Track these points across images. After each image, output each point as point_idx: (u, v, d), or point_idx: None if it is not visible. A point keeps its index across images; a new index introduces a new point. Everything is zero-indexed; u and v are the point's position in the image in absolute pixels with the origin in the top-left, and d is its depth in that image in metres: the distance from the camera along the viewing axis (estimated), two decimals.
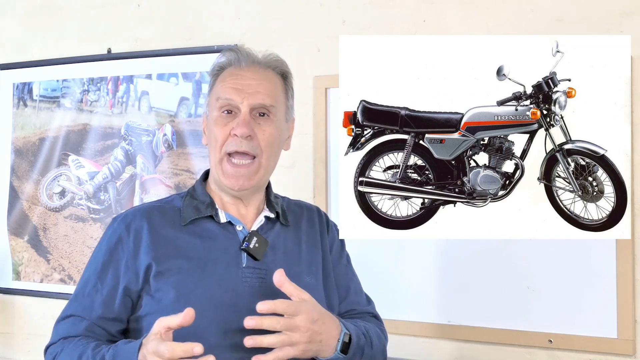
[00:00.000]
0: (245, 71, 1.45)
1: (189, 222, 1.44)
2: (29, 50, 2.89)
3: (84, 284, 1.43)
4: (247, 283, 1.39)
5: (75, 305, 1.41)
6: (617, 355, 1.98)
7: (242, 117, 1.41)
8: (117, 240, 1.42)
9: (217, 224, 1.45)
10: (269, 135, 1.44)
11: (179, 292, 1.35)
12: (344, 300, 1.59)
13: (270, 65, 1.48)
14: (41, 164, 2.86)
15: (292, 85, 1.53)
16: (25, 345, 2.87)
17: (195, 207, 1.46)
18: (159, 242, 1.40)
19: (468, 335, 2.15)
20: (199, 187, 1.51)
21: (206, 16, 2.57)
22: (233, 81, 1.44)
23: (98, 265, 1.42)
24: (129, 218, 1.45)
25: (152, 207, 1.49)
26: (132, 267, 1.39)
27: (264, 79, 1.46)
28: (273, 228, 1.50)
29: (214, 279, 1.38)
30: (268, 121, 1.44)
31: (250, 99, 1.42)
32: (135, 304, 1.40)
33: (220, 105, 1.44)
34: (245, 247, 1.42)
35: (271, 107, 1.44)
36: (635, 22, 1.97)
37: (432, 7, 2.22)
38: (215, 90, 1.47)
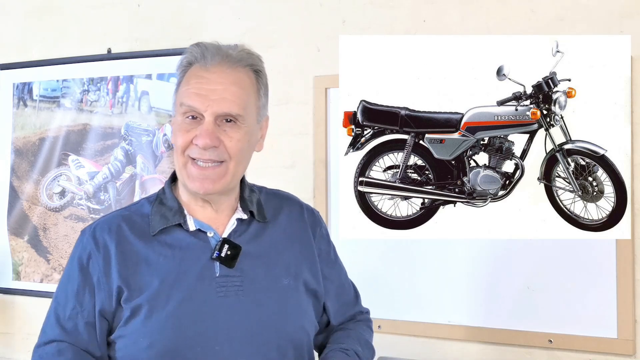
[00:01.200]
0: (211, 72, 1.33)
1: (158, 232, 1.36)
2: (29, 50, 2.89)
3: (63, 306, 1.36)
4: (222, 292, 1.33)
5: (58, 329, 1.35)
6: (617, 355, 1.98)
7: (205, 127, 1.30)
8: (88, 257, 1.36)
9: (187, 232, 1.37)
10: (236, 142, 1.33)
11: (150, 311, 1.30)
12: (339, 301, 1.55)
13: (241, 61, 1.36)
14: (41, 164, 2.86)
15: (266, 81, 1.41)
16: (25, 345, 2.87)
17: (162, 215, 1.38)
18: (127, 259, 1.34)
19: (468, 335, 2.15)
20: (168, 191, 1.42)
21: (206, 16, 2.57)
22: (197, 85, 1.32)
23: (74, 285, 1.36)
24: (97, 232, 1.37)
25: (120, 216, 1.41)
26: (104, 287, 1.33)
27: (232, 82, 1.33)
28: (248, 229, 1.41)
29: (186, 292, 1.31)
30: (235, 127, 1.33)
31: (215, 106, 1.31)
32: (110, 326, 1.35)
33: (183, 111, 1.33)
34: (216, 256, 1.34)
35: (237, 116, 1.33)
36: (635, 22, 1.97)
37: (432, 7, 2.22)
38: (179, 93, 1.36)
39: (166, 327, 1.29)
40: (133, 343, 1.31)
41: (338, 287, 1.55)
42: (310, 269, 1.46)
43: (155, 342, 1.29)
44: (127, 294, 1.32)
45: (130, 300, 1.31)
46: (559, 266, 2.03)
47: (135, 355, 1.30)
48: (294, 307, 1.40)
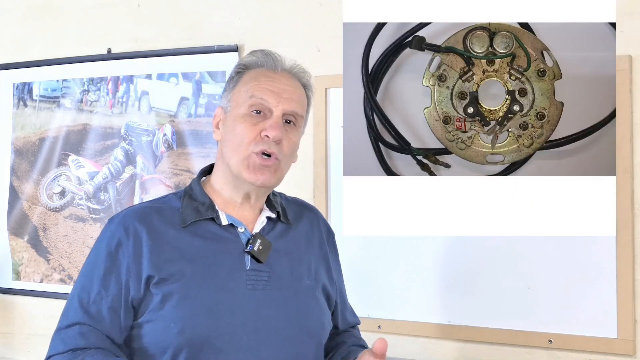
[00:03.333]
0: (280, 75, 1.43)
1: (189, 224, 1.41)
2: (29, 50, 2.89)
3: (87, 289, 1.37)
4: (251, 285, 1.38)
5: (81, 312, 1.35)
6: (617, 355, 1.98)
7: (276, 121, 1.39)
8: (117, 244, 1.37)
9: (219, 226, 1.42)
10: (293, 144, 1.43)
11: (182, 298, 1.33)
12: (345, 308, 1.63)
13: (297, 76, 1.47)
14: (41, 164, 2.86)
15: (312, 99, 1.52)
16: (25, 346, 2.87)
17: (195, 208, 1.42)
18: (159, 246, 1.37)
19: (468, 335, 2.15)
20: (197, 188, 1.46)
21: (206, 16, 2.57)
22: (269, 83, 1.41)
23: (100, 270, 1.37)
24: (127, 220, 1.40)
25: (149, 207, 1.45)
26: (133, 273, 1.35)
27: (297, 87, 1.45)
28: (274, 228, 1.48)
29: (217, 283, 1.36)
30: (294, 129, 1.43)
31: (285, 104, 1.40)
32: (137, 311, 1.36)
33: (252, 103, 1.40)
34: (250, 249, 1.40)
35: (299, 117, 1.44)
36: (635, 22, 1.97)
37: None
38: (243, 87, 1.42)
39: (199, 315, 1.33)
40: (164, 328, 1.33)
41: (344, 295, 1.64)
42: (327, 273, 1.54)
43: (186, 328, 1.32)
44: (158, 280, 1.34)
45: (162, 286, 1.34)
46: (559, 266, 2.03)
47: (165, 340, 1.32)
48: (315, 305, 1.47)
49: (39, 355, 1.45)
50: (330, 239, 1.61)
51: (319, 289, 1.49)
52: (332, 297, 1.54)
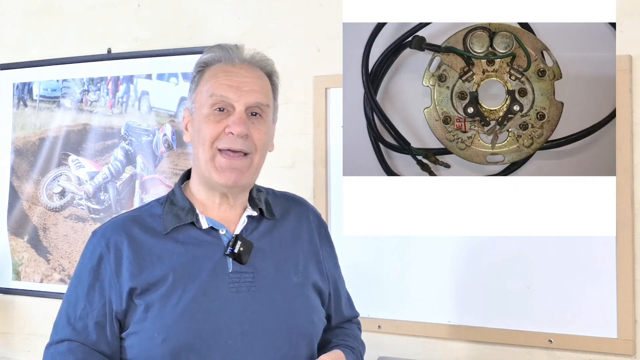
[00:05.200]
0: (239, 68, 1.40)
1: (170, 231, 1.39)
2: (29, 50, 2.89)
3: (73, 305, 1.38)
4: (235, 288, 1.36)
5: (69, 329, 1.36)
6: (617, 355, 1.98)
7: (238, 116, 1.37)
8: (99, 258, 1.38)
9: (200, 230, 1.40)
10: (263, 134, 1.40)
11: (163, 306, 1.33)
12: (341, 302, 1.60)
13: (258, 65, 1.44)
14: (41, 164, 2.86)
15: (278, 85, 1.49)
16: (25, 345, 2.87)
17: (175, 214, 1.41)
18: (140, 257, 1.36)
19: (468, 335, 2.15)
20: (178, 192, 1.45)
21: (206, 16, 2.57)
22: (227, 78, 1.38)
23: (84, 286, 1.37)
24: (107, 233, 1.40)
25: (130, 218, 1.44)
26: (115, 287, 1.35)
27: (258, 77, 1.42)
28: (258, 227, 1.45)
29: (199, 288, 1.35)
30: (261, 121, 1.41)
31: (247, 97, 1.38)
32: (122, 324, 1.36)
33: (213, 102, 1.38)
34: (230, 252, 1.38)
35: (265, 107, 1.41)
36: (635, 22, 1.97)
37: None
38: (205, 87, 1.40)
39: (181, 322, 1.32)
40: (148, 339, 1.32)
41: (340, 289, 1.61)
42: (317, 268, 1.51)
43: (170, 337, 1.31)
44: (141, 291, 1.34)
45: (144, 297, 1.33)
46: (559, 266, 2.03)
47: (150, 350, 1.32)
48: (304, 303, 1.44)
49: (39, 355, 1.45)
50: (323, 231, 1.58)
51: (309, 286, 1.46)
52: (324, 292, 1.51)
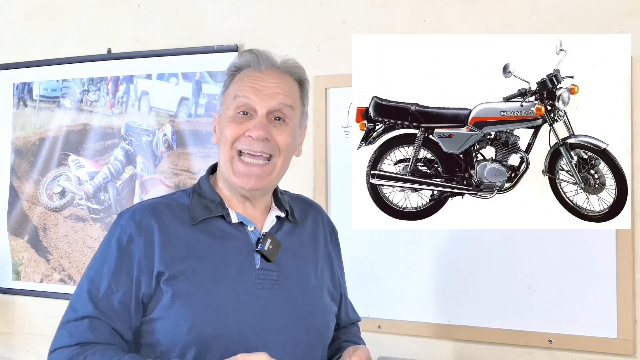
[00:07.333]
0: (265, 74, 1.42)
1: (199, 222, 1.40)
2: (29, 50, 2.90)
3: (97, 284, 1.35)
4: (260, 285, 1.38)
5: (91, 307, 1.33)
6: (617, 355, 1.98)
7: (259, 120, 1.38)
8: (128, 239, 1.36)
9: (228, 224, 1.42)
10: (286, 138, 1.41)
11: (192, 296, 1.33)
12: (346, 306, 1.64)
13: (288, 71, 1.45)
14: (41, 164, 2.86)
15: (308, 92, 1.51)
16: (25, 345, 2.87)
17: (204, 205, 1.42)
18: (170, 242, 1.36)
19: (468, 335, 2.15)
20: (206, 185, 1.46)
21: (206, 16, 2.57)
22: (252, 82, 1.41)
23: (110, 265, 1.35)
24: (137, 215, 1.39)
25: (159, 203, 1.44)
26: (145, 269, 1.34)
27: (283, 82, 1.43)
28: (282, 227, 1.48)
29: (227, 281, 1.36)
30: (284, 125, 1.41)
31: (269, 100, 1.39)
32: (146, 307, 1.36)
33: (237, 104, 1.40)
34: (260, 249, 1.40)
35: (289, 109, 1.42)
36: (635, 22, 1.97)
37: (432, 6, 2.22)
38: (231, 89, 1.43)
39: (208, 313, 1.33)
40: (174, 326, 1.33)
41: (345, 293, 1.64)
42: (330, 273, 1.55)
43: (195, 326, 1.32)
44: (168, 276, 1.34)
45: (172, 283, 1.34)
46: (559, 266, 2.03)
47: (175, 337, 1.33)
48: (321, 306, 1.47)
49: (39, 355, 1.44)
50: (334, 237, 1.61)
51: (324, 289, 1.50)
52: (335, 297, 1.54)
